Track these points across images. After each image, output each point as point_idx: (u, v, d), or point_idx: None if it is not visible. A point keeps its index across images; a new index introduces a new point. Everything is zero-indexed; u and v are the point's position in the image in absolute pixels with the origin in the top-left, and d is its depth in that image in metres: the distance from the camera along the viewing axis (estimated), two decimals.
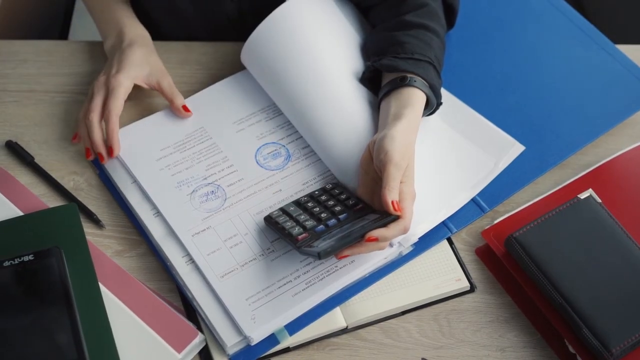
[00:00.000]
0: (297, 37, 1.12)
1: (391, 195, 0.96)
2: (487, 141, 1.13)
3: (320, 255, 0.92)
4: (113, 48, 1.15)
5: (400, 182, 0.98)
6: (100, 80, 1.11)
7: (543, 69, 1.22)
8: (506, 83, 1.21)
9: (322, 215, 1.00)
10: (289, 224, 1.00)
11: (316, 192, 1.04)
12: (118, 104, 1.08)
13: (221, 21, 1.26)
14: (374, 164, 1.00)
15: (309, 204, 1.02)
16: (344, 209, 1.01)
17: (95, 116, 1.08)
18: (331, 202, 1.02)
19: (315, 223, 0.99)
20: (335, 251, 0.94)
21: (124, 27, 1.16)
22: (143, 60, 1.13)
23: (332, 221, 0.99)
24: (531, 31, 1.27)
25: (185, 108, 1.13)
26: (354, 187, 1.04)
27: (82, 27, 1.22)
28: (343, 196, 1.02)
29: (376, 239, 0.94)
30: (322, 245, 0.95)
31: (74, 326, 0.92)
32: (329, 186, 1.05)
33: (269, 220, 1.02)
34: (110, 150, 1.08)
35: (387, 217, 0.96)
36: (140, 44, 1.15)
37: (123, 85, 1.09)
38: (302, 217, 1.00)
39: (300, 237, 0.97)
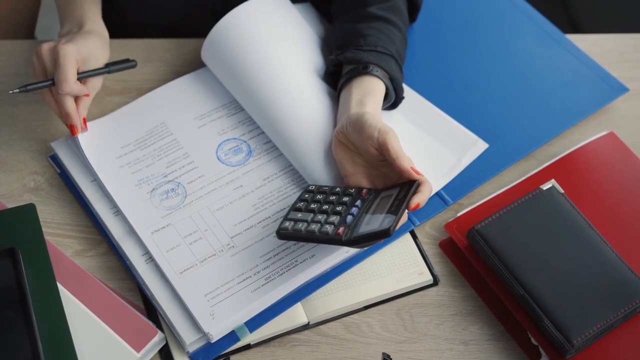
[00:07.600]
0: (257, 34, 1.11)
1: (407, 162, 0.95)
2: (450, 138, 1.12)
3: (390, 231, 0.89)
4: (67, 33, 1.11)
5: None
6: (44, 48, 1.05)
7: (507, 67, 1.22)
8: (470, 81, 1.20)
9: (337, 209, 0.96)
10: (313, 227, 0.94)
11: (306, 196, 0.99)
12: (69, 75, 1.02)
13: (205, 12, 1.24)
14: (368, 146, 0.97)
15: (312, 206, 0.97)
16: (355, 198, 0.97)
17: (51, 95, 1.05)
18: (333, 198, 0.98)
19: (338, 217, 0.95)
20: (396, 223, 0.91)
21: (86, 20, 1.11)
22: (94, 45, 1.08)
23: (354, 209, 0.95)
24: (495, 30, 1.27)
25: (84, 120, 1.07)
26: (322, 180, 1.03)
27: (47, 26, 1.20)
28: (337, 189, 0.99)
29: (418, 205, 0.94)
30: (384, 223, 0.90)
31: (30, 328, 0.91)
32: (312, 187, 1.00)
33: (285, 233, 0.95)
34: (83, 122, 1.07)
35: (408, 186, 0.95)
36: (97, 35, 1.10)
37: (71, 55, 1.03)
38: (319, 217, 0.95)
39: (339, 232, 0.93)
